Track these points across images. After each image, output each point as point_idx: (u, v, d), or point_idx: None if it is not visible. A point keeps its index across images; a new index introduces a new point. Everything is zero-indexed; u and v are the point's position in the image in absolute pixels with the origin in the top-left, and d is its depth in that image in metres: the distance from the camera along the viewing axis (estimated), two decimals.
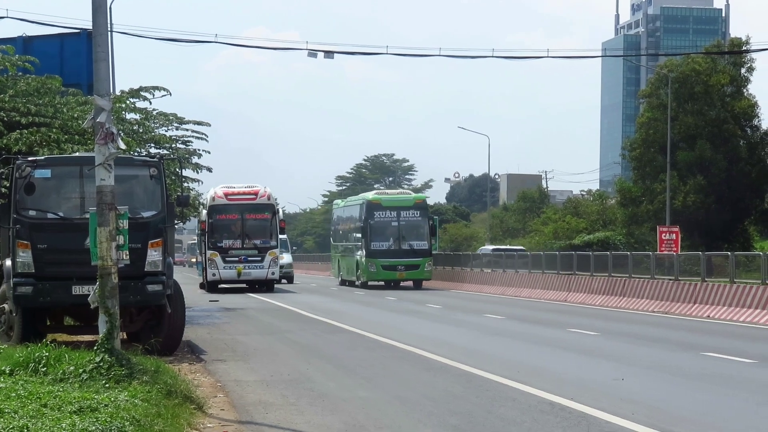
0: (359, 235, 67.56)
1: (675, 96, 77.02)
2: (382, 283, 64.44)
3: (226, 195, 56.25)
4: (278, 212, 59.47)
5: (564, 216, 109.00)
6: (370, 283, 63.40)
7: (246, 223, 56.44)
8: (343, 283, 64.62)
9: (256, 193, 56.67)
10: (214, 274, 55.84)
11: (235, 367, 22.37)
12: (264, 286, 57.41)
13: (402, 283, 63.72)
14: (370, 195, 61.99)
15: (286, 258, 78.29)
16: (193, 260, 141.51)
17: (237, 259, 54.69)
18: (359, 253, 66.52)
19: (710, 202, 78.25)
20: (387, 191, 66.22)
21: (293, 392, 18.60)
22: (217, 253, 53.86)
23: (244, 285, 57.94)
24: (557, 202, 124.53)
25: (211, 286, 59.84)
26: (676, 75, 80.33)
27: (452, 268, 74.21)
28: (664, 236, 65.91)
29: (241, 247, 55.19)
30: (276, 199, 63.55)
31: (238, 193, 54.90)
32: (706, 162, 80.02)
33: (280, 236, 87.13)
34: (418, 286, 62.40)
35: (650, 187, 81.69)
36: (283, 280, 76.52)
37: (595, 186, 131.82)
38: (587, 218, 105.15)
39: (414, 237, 60.05)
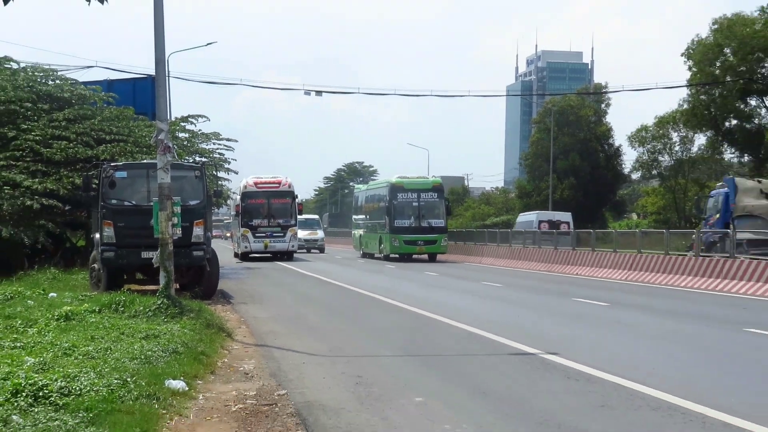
0: (383, 214, 56.18)
1: (556, 123, 77.29)
2: (396, 255, 57.15)
3: (256, 184, 53.08)
4: (297, 197, 56.35)
5: (479, 205, 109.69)
6: (391, 255, 55.53)
7: (271, 206, 52.25)
8: (364, 255, 58.52)
9: (279, 183, 53.07)
10: (246, 247, 52.28)
11: (253, 308, 22.50)
12: (285, 255, 54.12)
13: (416, 257, 55.87)
14: (393, 179, 56.20)
15: (319, 233, 71.92)
16: (228, 235, 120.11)
17: (264, 234, 51.23)
18: (383, 229, 56.22)
19: (579, 196, 79.76)
20: (407, 175, 58.49)
21: (294, 325, 18.91)
22: (248, 230, 50.62)
23: (269, 255, 55.25)
24: (475, 195, 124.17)
25: (243, 257, 56.36)
26: (557, 108, 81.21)
27: (464, 243, 65.63)
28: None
29: (268, 225, 51.39)
30: (294, 187, 58.90)
31: (266, 182, 51.61)
32: (576, 168, 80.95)
33: (313, 216, 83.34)
34: (432, 259, 54.29)
35: (538, 185, 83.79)
36: (315, 251, 68.98)
37: (500, 184, 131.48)
38: (495, 206, 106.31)
39: (432, 216, 52.71)
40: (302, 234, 66.94)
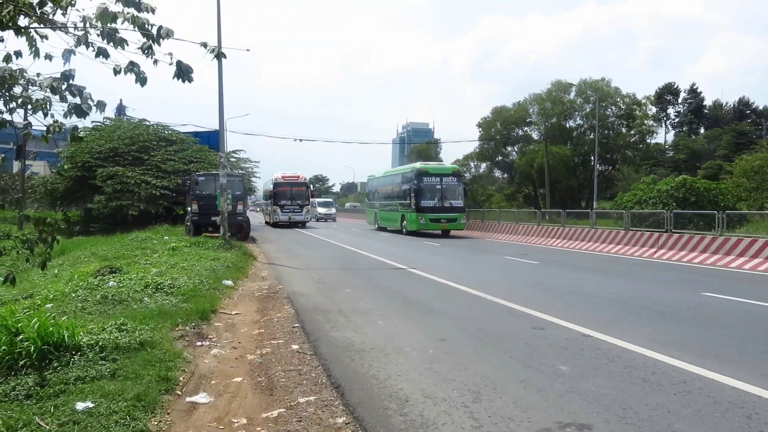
0: (409, 195, 32.57)
1: (417, 160, 76.48)
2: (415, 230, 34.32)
3: (283, 177, 42.80)
4: (309, 187, 44.78)
5: None
6: (411, 230, 32.30)
7: (293, 192, 41.91)
8: (380, 229, 37.89)
9: (298, 177, 42.86)
10: (276, 218, 42.01)
11: (268, 246, 22.25)
12: (300, 224, 42.61)
13: (429, 232, 33.03)
14: (418, 165, 32.91)
15: (333, 210, 57.37)
16: (258, 210, 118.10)
17: (288, 210, 41.42)
18: (407, 208, 33.07)
19: None
20: (429, 163, 40.62)
21: (288, 254, 18.78)
22: (278, 207, 41.37)
23: (290, 223, 41.76)
24: None
25: (273, 225, 43.29)
26: (417, 151, 79.93)
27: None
28: None
29: (291, 204, 41.46)
30: (307, 180, 46.05)
31: (290, 177, 42.20)
32: None
33: (329, 199, 67.89)
34: (445, 234, 32.53)
35: None
36: (330, 220, 54.78)
37: None
38: None
39: (452, 197, 30.89)
40: (321, 210, 54.86)
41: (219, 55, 3.89)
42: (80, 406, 4.23)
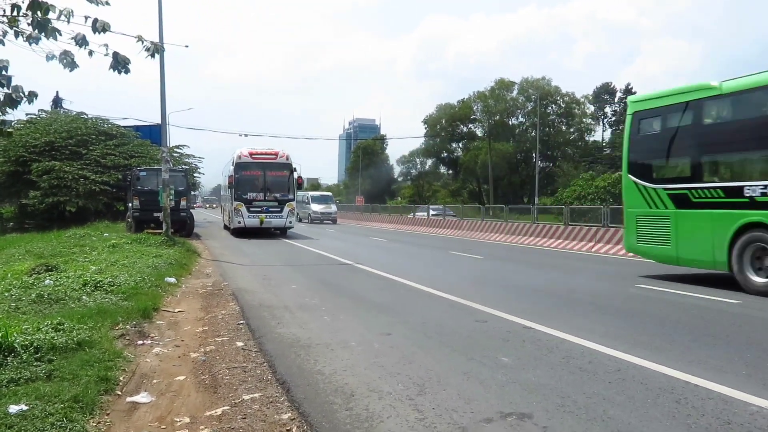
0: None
1: (363, 156, 76.44)
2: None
3: (251, 154, 28.64)
4: (295, 171, 29.52)
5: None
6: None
7: (268, 179, 28.17)
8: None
9: (276, 154, 28.50)
10: (239, 222, 28.08)
11: (212, 242, 21.89)
12: (280, 231, 29.78)
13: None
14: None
15: (333, 208, 43.82)
16: (208, 206, 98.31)
17: (260, 209, 27.80)
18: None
19: (370, 188, 73.99)
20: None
21: (233, 251, 18.43)
22: (242, 203, 27.65)
23: (261, 229, 28.36)
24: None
25: (236, 233, 28.96)
26: (363, 148, 79.66)
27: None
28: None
29: (264, 200, 27.99)
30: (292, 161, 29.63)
31: (261, 153, 28.31)
32: (372, 175, 75.78)
33: (328, 193, 50.54)
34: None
35: (352, 182, 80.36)
36: (328, 221, 42.78)
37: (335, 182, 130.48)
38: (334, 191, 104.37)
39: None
40: (318, 208, 42.29)
41: (155, 52, 3.79)
42: (13, 409, 4.05)
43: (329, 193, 48.76)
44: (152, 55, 3.68)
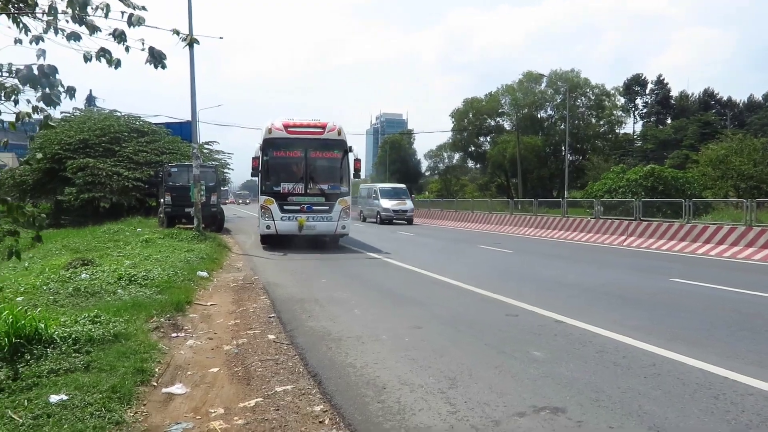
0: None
1: (390, 151, 76.18)
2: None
3: (287, 127, 15.67)
4: (352, 151, 16.16)
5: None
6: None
7: (311, 163, 15.72)
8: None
9: (323, 127, 15.86)
10: (268, 227, 15.67)
11: (243, 237, 22.02)
12: (329, 238, 16.98)
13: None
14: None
15: (408, 204, 33.72)
16: (239, 202, 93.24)
17: (298, 208, 15.46)
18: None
19: (401, 180, 73.79)
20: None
21: (258, 246, 18.21)
22: (272, 199, 15.49)
23: (300, 235, 16.13)
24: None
25: (266, 240, 16.92)
26: (391, 143, 79.08)
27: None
28: None
29: (304, 193, 15.56)
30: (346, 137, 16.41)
31: (302, 126, 15.69)
32: (399, 169, 74.38)
33: (401, 185, 37.15)
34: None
35: (381, 176, 78.97)
36: (403, 222, 32.62)
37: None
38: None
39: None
40: (390, 204, 32.75)
41: (191, 42, 3.83)
42: (54, 398, 4.15)
43: (403, 186, 36.35)
44: (189, 45, 3.72)
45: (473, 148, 66.45)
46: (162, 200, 23.37)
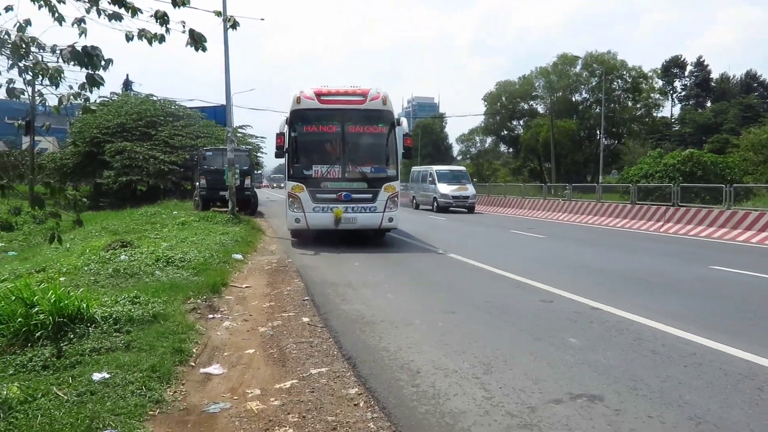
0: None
1: (422, 135, 75.33)
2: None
3: (319, 95, 11.92)
4: (400, 124, 12.51)
5: None
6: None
7: (350, 140, 12.13)
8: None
9: (364, 94, 11.87)
10: (297, 220, 12.33)
11: (276, 220, 22.12)
12: (373, 232, 13.53)
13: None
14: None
15: (470, 189, 27.98)
16: (273, 186, 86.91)
17: (335, 195, 11.92)
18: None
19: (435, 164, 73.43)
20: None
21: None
22: (302, 186, 11.98)
23: (337, 230, 12.81)
24: None
25: (295, 234, 14.30)
26: (423, 126, 78.33)
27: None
28: None
29: (341, 177, 12.04)
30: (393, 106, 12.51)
31: (338, 93, 11.79)
32: (431, 153, 73.08)
33: (460, 168, 33.52)
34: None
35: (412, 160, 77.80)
36: (463, 210, 27.43)
37: None
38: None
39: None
40: (448, 189, 27.90)
41: (234, 25, 3.84)
42: (97, 376, 4.25)
43: (462, 168, 31.31)
44: (232, 27, 3.74)
45: (506, 132, 65.66)
46: (197, 184, 23.69)
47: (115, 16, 3.36)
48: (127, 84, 49.52)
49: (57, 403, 3.81)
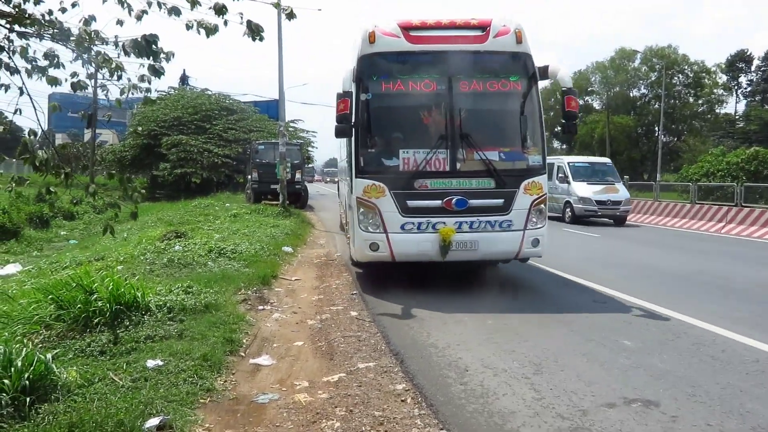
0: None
1: None
2: None
3: (407, 29, 6.26)
4: (549, 76, 6.45)
5: None
6: None
7: (461, 105, 6.20)
8: None
9: (485, 26, 6.11)
10: (375, 246, 6.80)
11: (325, 214, 22.37)
12: (501, 260, 7.66)
13: None
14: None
15: (622, 192, 17.96)
16: (327, 180, 75.44)
17: (440, 203, 6.25)
18: None
19: None
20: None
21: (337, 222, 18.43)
22: (383, 186, 6.34)
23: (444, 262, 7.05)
24: None
25: (360, 265, 8.13)
26: None
27: None
28: None
29: (450, 171, 6.33)
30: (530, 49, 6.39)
31: (440, 27, 5.99)
32: None
33: (604, 159, 21.91)
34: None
35: None
36: (609, 221, 18.24)
37: None
38: None
39: None
40: (589, 191, 18.49)
41: (290, 15, 3.89)
42: (151, 363, 4.37)
43: (607, 161, 22.05)
44: (288, 18, 3.79)
45: (559, 128, 64.29)
46: (249, 177, 24.12)
47: (175, 11, 3.44)
48: (184, 79, 50.74)
49: (113, 388, 3.94)
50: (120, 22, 3.73)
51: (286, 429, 3.68)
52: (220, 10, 3.43)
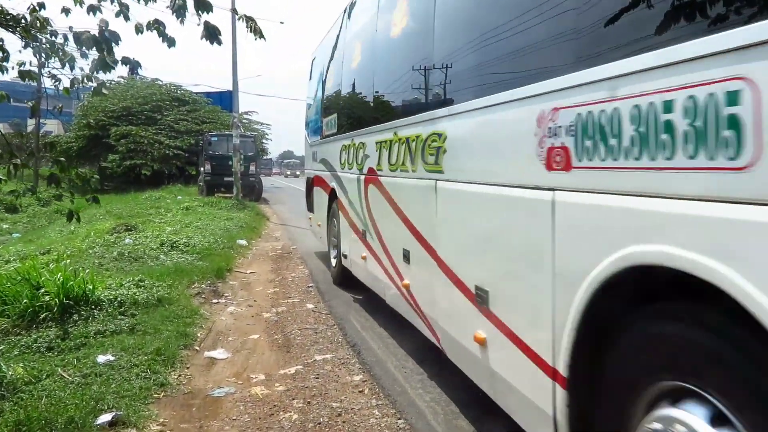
0: None
1: None
2: None
3: None
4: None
5: None
6: None
7: None
8: None
9: None
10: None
11: (280, 207, 22.18)
12: None
13: None
14: None
15: None
16: (289, 173, 66.97)
17: None
18: None
19: None
20: None
21: (301, 215, 18.35)
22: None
23: None
24: None
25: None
26: None
27: None
28: None
29: None
30: None
31: None
32: None
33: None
34: None
35: None
36: None
37: None
38: None
39: None
40: None
41: (257, 32, 3.83)
42: (101, 359, 4.27)
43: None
44: (251, 31, 3.74)
45: None
46: (202, 169, 23.71)
47: (123, 14, 3.35)
48: (133, 68, 49.39)
49: (62, 385, 3.83)
50: (66, 11, 3.61)
51: (243, 422, 3.65)
52: (179, 9, 3.35)
